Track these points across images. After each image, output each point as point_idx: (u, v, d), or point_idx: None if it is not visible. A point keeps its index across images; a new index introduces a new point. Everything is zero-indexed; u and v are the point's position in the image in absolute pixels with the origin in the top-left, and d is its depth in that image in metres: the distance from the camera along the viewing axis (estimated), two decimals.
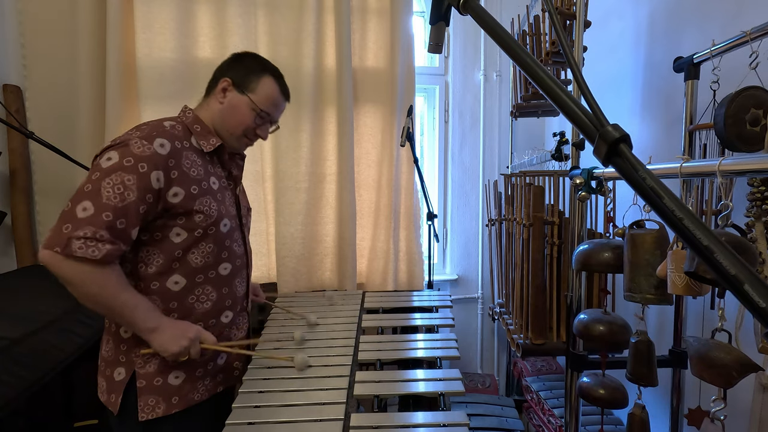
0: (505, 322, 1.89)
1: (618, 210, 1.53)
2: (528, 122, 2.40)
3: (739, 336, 0.83)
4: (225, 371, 1.14)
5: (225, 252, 1.09)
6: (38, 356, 1.18)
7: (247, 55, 1.17)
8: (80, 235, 0.86)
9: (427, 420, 0.93)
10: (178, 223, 1.00)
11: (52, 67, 1.80)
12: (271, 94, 1.13)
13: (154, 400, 1.00)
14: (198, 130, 1.08)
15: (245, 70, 1.11)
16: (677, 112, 1.44)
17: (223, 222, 1.07)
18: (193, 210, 1.00)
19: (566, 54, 0.44)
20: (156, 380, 1.01)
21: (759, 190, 0.87)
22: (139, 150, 0.93)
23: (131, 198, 0.91)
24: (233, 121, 1.10)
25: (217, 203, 1.06)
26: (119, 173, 0.91)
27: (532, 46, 1.77)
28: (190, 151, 1.03)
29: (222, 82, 1.10)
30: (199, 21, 1.86)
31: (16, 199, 1.73)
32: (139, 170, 0.92)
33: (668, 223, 0.35)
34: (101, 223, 0.88)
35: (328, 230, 2.04)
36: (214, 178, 1.07)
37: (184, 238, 1.01)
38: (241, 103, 1.10)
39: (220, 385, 1.13)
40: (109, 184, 0.90)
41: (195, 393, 1.06)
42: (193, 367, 1.05)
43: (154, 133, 0.97)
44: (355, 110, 2.04)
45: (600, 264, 1.11)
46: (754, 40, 0.97)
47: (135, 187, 0.91)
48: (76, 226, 0.87)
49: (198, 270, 1.04)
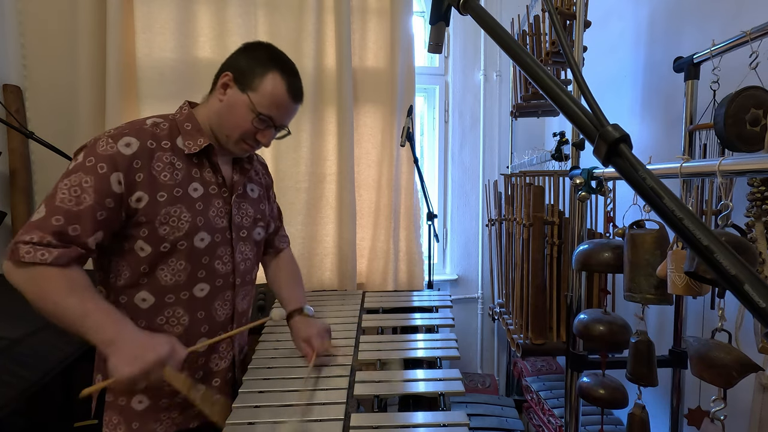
0: (505, 322, 1.89)
1: (618, 210, 1.53)
2: (528, 122, 2.40)
3: (739, 336, 0.83)
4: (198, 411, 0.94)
5: (202, 271, 0.95)
6: (38, 356, 1.18)
7: (259, 45, 0.99)
8: (27, 239, 0.78)
9: (427, 420, 0.93)
10: (141, 235, 0.88)
11: (52, 67, 1.80)
12: (274, 93, 0.94)
13: (116, 419, 0.94)
14: (188, 128, 0.95)
15: (250, 63, 0.95)
16: (677, 112, 1.44)
17: (198, 236, 0.93)
18: (158, 221, 0.88)
19: (566, 54, 0.44)
20: (120, 400, 0.94)
21: (759, 190, 0.87)
22: (102, 149, 0.85)
23: (87, 202, 0.82)
24: (229, 124, 0.95)
25: (192, 214, 0.92)
26: (78, 174, 0.83)
27: (532, 46, 1.77)
28: (167, 152, 0.91)
29: (223, 76, 0.95)
30: (199, 21, 1.86)
31: (16, 199, 1.73)
32: (98, 171, 0.83)
33: (668, 223, 0.35)
34: (49, 228, 0.79)
35: (328, 230, 2.04)
36: (197, 184, 0.95)
37: (148, 253, 0.89)
38: (239, 103, 0.94)
39: (194, 421, 0.99)
40: (66, 185, 0.82)
41: (157, 424, 0.95)
42: (157, 396, 0.94)
43: (125, 131, 0.88)
44: (355, 110, 2.04)
45: (600, 264, 1.11)
46: (754, 40, 0.97)
47: (92, 190, 0.82)
48: (25, 231, 0.79)
49: (168, 289, 0.92)
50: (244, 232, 1.05)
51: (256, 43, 1.01)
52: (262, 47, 1.00)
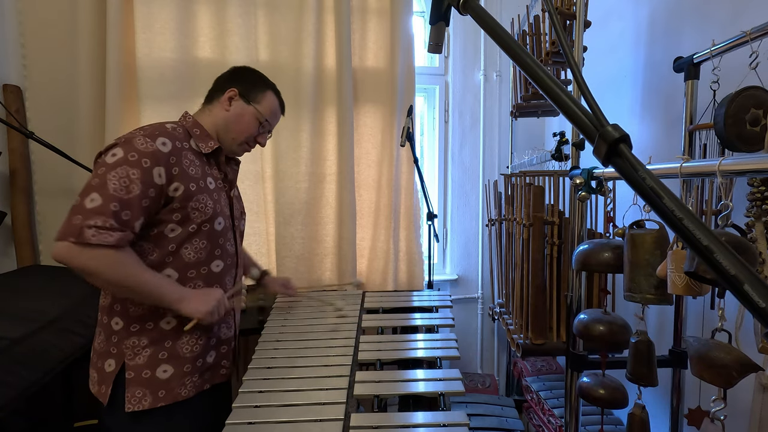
0: (505, 322, 1.89)
1: (618, 210, 1.53)
2: (528, 122, 2.40)
3: (739, 336, 0.83)
4: (213, 369, 1.16)
5: (218, 249, 1.13)
6: (38, 356, 1.18)
7: (248, 69, 1.24)
8: (91, 224, 0.90)
9: (427, 420, 0.93)
10: (174, 219, 1.03)
11: (52, 67, 1.80)
12: (272, 106, 1.22)
13: (141, 392, 1.02)
14: (197, 133, 1.13)
15: (251, 83, 1.20)
16: (677, 112, 1.44)
17: (217, 220, 1.11)
18: (190, 206, 1.04)
19: (566, 54, 0.44)
20: (144, 372, 1.02)
21: (759, 190, 0.87)
22: (142, 146, 0.98)
23: (135, 191, 0.95)
24: (238, 129, 1.17)
25: (213, 201, 1.10)
26: (124, 167, 0.95)
27: (532, 46, 1.77)
28: (189, 151, 1.08)
29: (229, 91, 1.16)
30: (199, 21, 1.86)
31: (16, 199, 1.73)
32: (142, 165, 0.96)
33: (668, 223, 0.35)
34: (109, 213, 0.92)
35: (328, 230, 2.04)
36: (210, 179, 1.12)
37: (178, 233, 1.04)
38: (247, 113, 1.17)
39: (207, 383, 1.14)
40: (114, 176, 0.94)
41: (182, 389, 1.07)
42: (181, 363, 1.07)
43: (156, 132, 1.02)
44: (355, 110, 2.04)
45: (600, 264, 1.11)
46: (754, 40, 0.97)
47: (139, 181, 0.95)
48: (86, 217, 0.91)
49: (190, 265, 1.08)
50: (236, 222, 1.24)
51: (244, 67, 1.24)
52: (253, 70, 1.24)
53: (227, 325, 1.20)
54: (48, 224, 1.81)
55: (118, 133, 1.74)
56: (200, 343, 1.10)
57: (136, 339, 1.03)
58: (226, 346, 1.20)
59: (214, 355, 1.16)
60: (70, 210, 0.93)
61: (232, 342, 1.23)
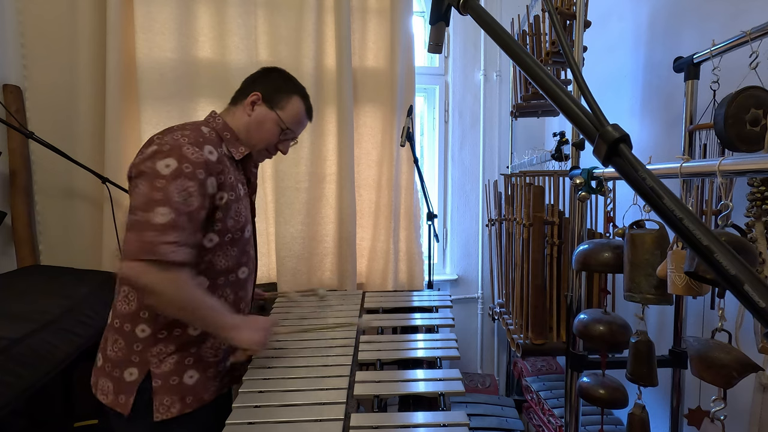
0: (505, 322, 1.89)
1: (618, 210, 1.52)
2: (528, 122, 2.40)
3: (739, 336, 0.83)
4: (231, 372, 1.16)
5: (245, 256, 1.12)
6: (38, 356, 1.18)
7: (278, 71, 1.18)
8: (169, 240, 0.87)
9: (427, 420, 0.93)
10: (214, 228, 1.01)
11: (52, 67, 1.80)
12: (298, 113, 1.15)
13: (169, 400, 1.00)
14: (228, 137, 1.09)
15: (276, 87, 1.13)
16: (677, 112, 1.44)
17: (247, 228, 1.10)
18: (229, 215, 1.03)
19: (566, 54, 0.44)
20: (172, 379, 1.01)
21: (759, 190, 0.87)
22: (194, 156, 0.94)
23: (195, 204, 0.93)
24: (259, 135, 1.12)
25: (245, 209, 1.10)
26: (182, 180, 0.91)
27: (532, 46, 1.77)
28: (225, 157, 1.05)
29: (252, 95, 1.11)
30: (199, 21, 1.86)
31: (16, 199, 1.73)
32: (198, 177, 0.93)
33: (668, 223, 0.35)
34: (182, 228, 0.90)
35: (328, 230, 2.04)
36: (240, 185, 1.10)
37: (215, 243, 1.02)
38: (268, 119, 1.12)
39: (226, 387, 1.15)
40: (176, 190, 0.90)
41: (206, 393, 1.07)
42: (206, 367, 1.07)
43: (200, 140, 0.99)
44: (355, 110, 2.04)
45: (600, 264, 1.11)
46: (754, 40, 0.97)
47: (197, 194, 0.93)
48: (161, 232, 0.87)
49: (221, 272, 1.06)
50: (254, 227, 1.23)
51: (274, 69, 1.18)
52: (282, 73, 1.17)
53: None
54: (48, 224, 1.81)
55: (118, 134, 1.75)
56: (223, 347, 1.09)
57: (162, 346, 1.00)
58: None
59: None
60: (132, 226, 0.88)
61: None
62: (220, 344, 1.08)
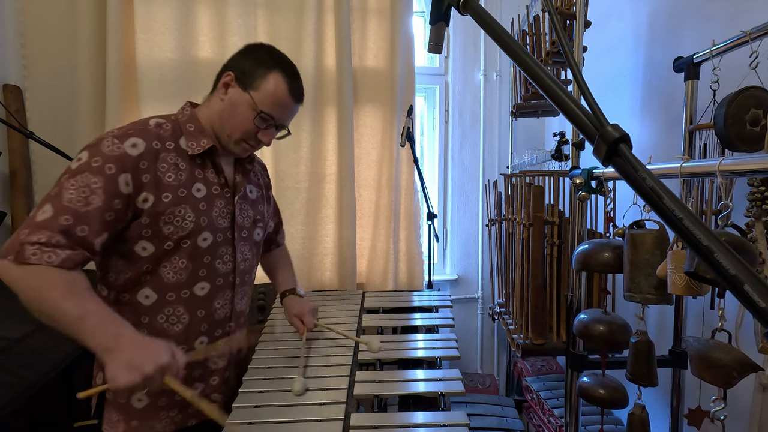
0: (505, 322, 1.89)
1: (618, 210, 1.52)
2: (528, 122, 2.40)
3: (739, 336, 0.83)
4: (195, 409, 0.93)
5: (203, 270, 0.96)
6: (38, 356, 1.18)
7: (261, 46, 1.01)
8: (34, 240, 0.76)
9: (427, 420, 0.93)
10: (144, 235, 0.89)
11: (52, 67, 1.80)
12: (275, 92, 0.96)
13: (116, 417, 0.94)
14: (191, 129, 0.96)
15: (253, 63, 0.96)
16: (677, 112, 1.44)
17: (202, 235, 0.94)
18: (162, 220, 0.89)
19: (566, 54, 0.44)
20: (120, 398, 0.95)
21: (759, 190, 0.87)
22: (108, 149, 0.84)
23: (96, 203, 0.81)
24: (231, 123, 0.96)
25: (196, 214, 0.93)
26: (86, 174, 0.81)
27: (532, 46, 1.77)
28: (172, 153, 0.92)
29: (225, 76, 0.96)
30: (199, 21, 1.86)
31: (16, 199, 1.73)
32: (106, 172, 0.82)
33: (668, 223, 0.35)
34: (57, 227, 0.78)
35: (328, 230, 2.04)
36: (200, 185, 0.95)
37: (151, 252, 0.90)
38: (240, 102, 0.95)
39: (192, 419, 1.00)
40: (73, 186, 0.80)
41: (156, 422, 0.95)
42: (157, 395, 0.95)
43: (130, 131, 0.88)
44: (355, 110, 2.03)
45: (600, 264, 1.11)
46: (754, 40, 0.97)
47: (101, 191, 0.81)
48: (31, 231, 0.77)
49: (169, 287, 0.93)
50: (245, 233, 1.06)
51: (257, 45, 1.02)
52: (264, 48, 1.01)
53: (218, 354, 1.03)
54: None
55: None
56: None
57: None
58: (218, 378, 1.04)
59: (201, 387, 1.01)
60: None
61: (225, 371, 1.06)
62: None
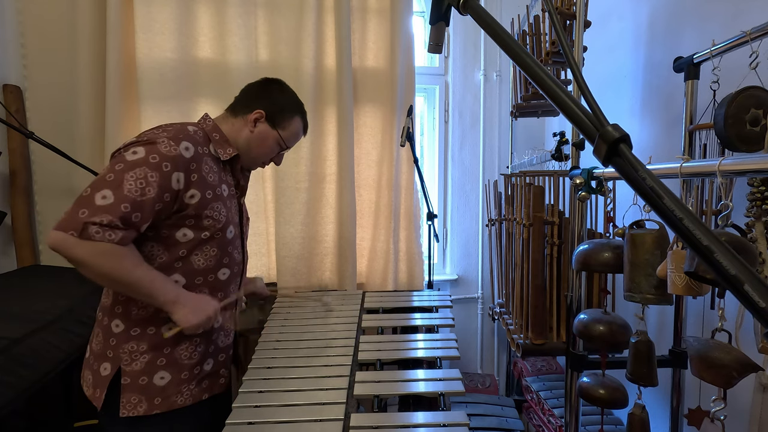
0: (505, 322, 1.89)
1: (618, 210, 1.52)
2: (528, 122, 2.40)
3: (739, 336, 0.83)
4: (211, 377, 1.13)
5: (226, 258, 1.11)
6: (38, 356, 1.18)
7: (280, 88, 1.21)
8: (96, 221, 0.88)
9: (427, 420, 0.93)
10: (187, 224, 1.02)
11: (52, 67, 1.80)
12: (297, 132, 1.23)
13: (136, 398, 1.00)
14: (216, 138, 1.12)
15: (279, 107, 1.17)
16: (677, 112, 1.44)
17: (228, 229, 1.10)
18: (204, 214, 1.03)
19: (566, 54, 0.44)
20: (141, 379, 1.01)
21: (759, 190, 0.87)
22: (165, 149, 0.96)
23: (150, 194, 0.93)
24: (259, 151, 1.17)
25: (226, 210, 1.09)
26: (143, 168, 0.93)
27: (532, 46, 1.77)
28: (208, 157, 1.07)
29: (255, 113, 1.15)
30: (199, 21, 1.86)
31: (16, 199, 1.73)
32: (162, 169, 0.95)
33: (668, 223, 0.35)
34: (118, 213, 0.90)
35: (328, 230, 2.04)
36: (225, 186, 1.11)
37: (190, 239, 1.03)
38: (270, 137, 1.17)
39: (205, 393, 1.11)
40: (132, 177, 0.92)
41: (178, 396, 1.05)
42: (179, 370, 1.05)
43: (180, 136, 1.01)
44: (355, 110, 2.04)
45: (600, 264, 1.11)
46: (754, 40, 0.97)
47: (156, 185, 0.94)
48: (93, 213, 0.89)
49: (198, 272, 1.06)
50: (246, 229, 1.24)
51: (276, 82, 1.21)
52: (285, 89, 1.21)
53: (225, 333, 1.18)
54: (48, 224, 1.81)
55: (118, 134, 1.75)
56: (199, 350, 1.08)
57: (135, 344, 1.00)
58: (224, 354, 1.18)
59: (212, 363, 1.13)
60: (76, 200, 0.90)
61: (230, 350, 1.21)
62: (196, 346, 1.07)
